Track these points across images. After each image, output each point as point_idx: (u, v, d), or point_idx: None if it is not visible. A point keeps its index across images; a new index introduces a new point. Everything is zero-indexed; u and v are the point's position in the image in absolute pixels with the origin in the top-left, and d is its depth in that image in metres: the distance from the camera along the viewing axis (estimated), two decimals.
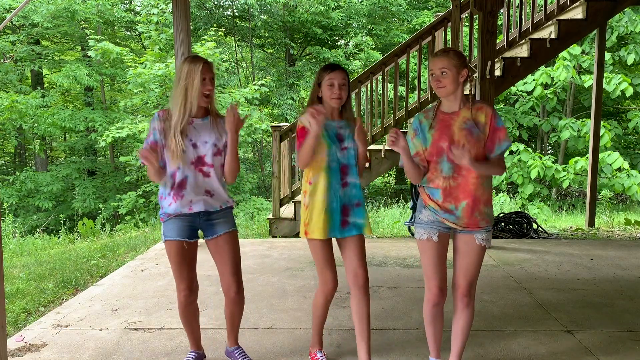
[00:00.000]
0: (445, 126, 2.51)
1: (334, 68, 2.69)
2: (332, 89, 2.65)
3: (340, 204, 2.69)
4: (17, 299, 4.23)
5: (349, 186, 2.72)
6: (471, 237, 2.56)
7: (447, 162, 2.50)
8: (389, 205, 10.60)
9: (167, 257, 2.77)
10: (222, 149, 2.67)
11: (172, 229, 2.64)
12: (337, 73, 2.67)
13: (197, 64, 2.55)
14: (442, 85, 2.48)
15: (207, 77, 2.58)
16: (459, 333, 2.66)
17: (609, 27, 11.08)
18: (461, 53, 2.53)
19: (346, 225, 2.71)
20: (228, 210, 2.75)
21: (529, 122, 11.97)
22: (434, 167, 2.55)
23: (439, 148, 2.51)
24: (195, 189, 2.61)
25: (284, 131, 6.54)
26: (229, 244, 2.73)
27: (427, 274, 2.62)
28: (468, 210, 2.50)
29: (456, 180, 2.50)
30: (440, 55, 2.50)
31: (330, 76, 2.66)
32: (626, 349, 3.13)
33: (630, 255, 5.48)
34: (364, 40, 14.83)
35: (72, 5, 12.64)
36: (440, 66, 2.47)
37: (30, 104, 11.98)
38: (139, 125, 11.11)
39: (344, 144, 2.71)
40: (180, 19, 5.56)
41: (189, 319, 2.82)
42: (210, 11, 15.43)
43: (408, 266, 4.95)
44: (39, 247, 7.32)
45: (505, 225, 6.64)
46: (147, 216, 11.11)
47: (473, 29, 6.30)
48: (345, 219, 2.70)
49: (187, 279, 2.72)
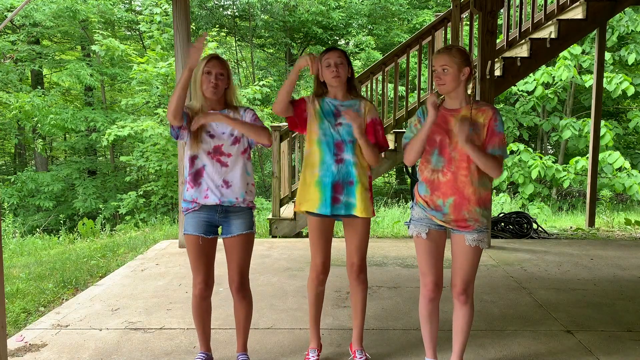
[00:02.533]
0: (443, 122, 2.52)
1: (329, 50, 2.75)
2: (329, 68, 2.69)
3: (333, 180, 2.68)
4: (17, 299, 4.23)
5: (344, 163, 2.70)
6: (462, 237, 2.56)
7: (438, 156, 2.52)
8: (389, 205, 10.60)
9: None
10: (240, 137, 2.74)
11: (190, 224, 2.71)
12: (332, 52, 2.73)
13: (205, 59, 2.65)
14: (442, 83, 2.49)
15: (214, 71, 2.64)
16: (459, 331, 2.67)
17: (609, 26, 11.08)
18: (464, 51, 2.52)
19: (337, 202, 2.70)
20: (247, 211, 2.77)
21: (530, 122, 11.97)
22: (425, 158, 2.57)
23: (432, 141, 2.53)
24: (213, 178, 2.68)
25: (284, 131, 6.54)
26: (242, 245, 2.76)
27: (422, 269, 2.64)
28: (456, 207, 2.50)
29: (445, 175, 2.50)
30: (443, 52, 2.50)
31: (327, 56, 2.72)
32: (626, 349, 3.13)
33: (630, 255, 5.48)
34: (365, 40, 14.83)
35: (74, 5, 12.65)
36: (441, 63, 2.47)
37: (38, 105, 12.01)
38: (142, 124, 11.13)
39: (339, 119, 2.72)
40: (180, 19, 5.56)
41: (202, 316, 2.84)
42: (210, 11, 15.43)
43: (408, 266, 4.95)
44: (39, 247, 7.32)
45: (505, 225, 6.64)
46: (147, 216, 11.11)
47: (473, 29, 6.30)
48: (337, 196, 2.69)
49: (203, 273, 2.76)
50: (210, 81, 2.64)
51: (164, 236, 6.88)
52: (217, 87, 2.65)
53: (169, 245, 5.88)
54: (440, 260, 2.64)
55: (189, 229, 2.71)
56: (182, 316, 3.66)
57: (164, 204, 11.67)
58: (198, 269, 2.75)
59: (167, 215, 11.09)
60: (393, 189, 15.17)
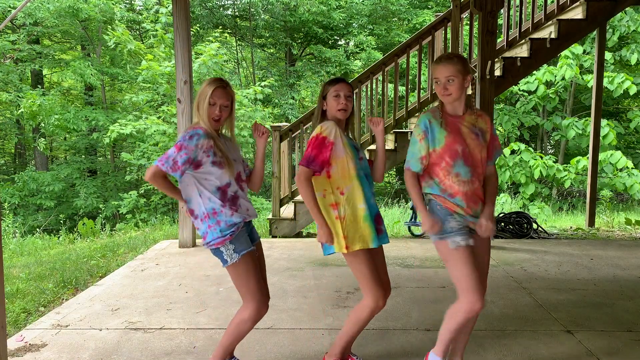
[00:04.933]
0: (456, 130, 2.50)
1: (339, 80, 2.69)
2: (338, 99, 2.64)
3: (374, 213, 2.67)
4: (17, 299, 4.24)
5: (373, 195, 2.72)
6: (479, 238, 2.59)
7: (465, 167, 2.48)
8: (389, 205, 10.60)
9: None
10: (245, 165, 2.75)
11: (242, 242, 2.57)
12: (342, 85, 2.67)
13: (211, 87, 2.54)
14: (449, 93, 2.47)
15: (218, 102, 2.54)
16: (468, 331, 2.69)
17: (610, 26, 11.08)
18: (464, 58, 2.53)
19: (380, 233, 2.68)
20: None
21: (530, 122, 11.97)
22: (448, 170, 2.49)
23: (454, 151, 2.47)
24: (245, 200, 2.64)
25: (284, 131, 6.54)
26: (261, 250, 2.79)
27: (470, 283, 2.43)
28: (481, 212, 2.55)
29: (473, 184, 2.51)
30: (446, 62, 2.47)
31: (336, 88, 2.66)
32: (626, 349, 3.12)
33: (630, 255, 5.48)
34: (366, 40, 14.84)
35: (77, 4, 12.66)
36: (446, 74, 2.45)
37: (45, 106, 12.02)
38: (147, 120, 11.15)
39: (360, 153, 2.71)
40: (180, 19, 5.57)
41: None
42: (211, 10, 15.44)
43: (408, 266, 4.95)
44: (39, 247, 7.32)
45: (505, 225, 6.63)
46: (147, 216, 11.12)
47: (473, 29, 6.30)
48: (380, 227, 2.68)
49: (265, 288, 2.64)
50: (215, 113, 2.55)
51: (164, 236, 6.89)
52: (220, 119, 2.57)
53: (169, 245, 5.88)
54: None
55: (244, 247, 2.56)
56: (182, 316, 3.66)
57: (164, 204, 11.68)
58: (261, 284, 2.60)
59: (167, 215, 11.10)
60: (393, 189, 15.16)
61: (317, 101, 2.75)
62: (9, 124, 15.76)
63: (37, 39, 14.62)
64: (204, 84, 2.58)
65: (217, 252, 2.56)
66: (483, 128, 2.55)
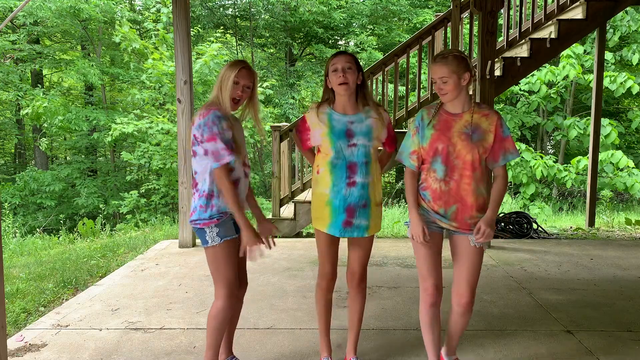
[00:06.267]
0: (446, 127, 2.46)
1: (337, 54, 2.62)
2: (336, 73, 2.54)
3: (345, 204, 2.56)
4: (17, 299, 4.24)
5: (357, 186, 2.56)
6: (465, 238, 2.53)
7: (442, 165, 2.46)
8: (389, 205, 10.60)
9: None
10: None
11: (228, 228, 2.56)
12: (339, 57, 2.57)
13: (236, 67, 2.54)
14: (445, 93, 2.43)
15: (242, 82, 2.54)
16: (458, 331, 2.66)
17: (611, 26, 11.07)
18: (461, 56, 2.43)
19: (349, 226, 2.59)
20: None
21: (531, 122, 11.97)
22: (428, 167, 2.51)
23: (435, 149, 2.46)
24: (243, 189, 2.62)
25: (284, 131, 6.54)
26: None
27: (423, 273, 2.55)
28: (458, 215, 2.47)
29: (447, 184, 2.46)
30: (439, 62, 2.42)
31: (334, 61, 2.57)
32: (626, 349, 3.12)
33: (630, 255, 5.48)
34: (367, 40, 14.83)
35: (77, 4, 12.66)
36: (439, 75, 2.41)
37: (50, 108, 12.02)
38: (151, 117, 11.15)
39: (353, 140, 2.57)
40: (180, 18, 5.57)
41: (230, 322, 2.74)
42: (211, 10, 15.44)
43: (408, 266, 4.95)
44: (39, 247, 7.32)
45: (505, 225, 6.63)
46: (147, 216, 11.12)
47: (473, 29, 6.29)
48: (349, 220, 2.58)
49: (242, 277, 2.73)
50: (237, 92, 2.55)
51: (164, 236, 6.88)
52: (240, 101, 2.58)
53: (169, 245, 5.89)
54: (440, 262, 2.58)
55: (229, 233, 2.56)
56: (182, 316, 3.66)
57: (164, 204, 11.68)
58: (235, 274, 2.60)
59: (168, 215, 11.10)
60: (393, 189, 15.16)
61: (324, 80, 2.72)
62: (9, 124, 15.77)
63: (37, 39, 14.62)
64: (225, 66, 2.58)
65: (200, 231, 2.57)
66: (484, 128, 2.45)
